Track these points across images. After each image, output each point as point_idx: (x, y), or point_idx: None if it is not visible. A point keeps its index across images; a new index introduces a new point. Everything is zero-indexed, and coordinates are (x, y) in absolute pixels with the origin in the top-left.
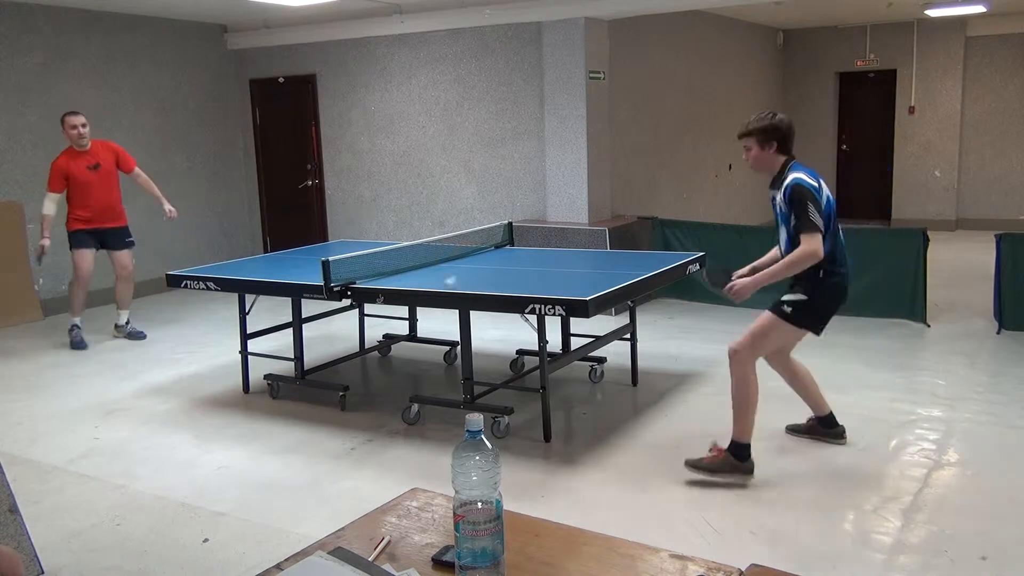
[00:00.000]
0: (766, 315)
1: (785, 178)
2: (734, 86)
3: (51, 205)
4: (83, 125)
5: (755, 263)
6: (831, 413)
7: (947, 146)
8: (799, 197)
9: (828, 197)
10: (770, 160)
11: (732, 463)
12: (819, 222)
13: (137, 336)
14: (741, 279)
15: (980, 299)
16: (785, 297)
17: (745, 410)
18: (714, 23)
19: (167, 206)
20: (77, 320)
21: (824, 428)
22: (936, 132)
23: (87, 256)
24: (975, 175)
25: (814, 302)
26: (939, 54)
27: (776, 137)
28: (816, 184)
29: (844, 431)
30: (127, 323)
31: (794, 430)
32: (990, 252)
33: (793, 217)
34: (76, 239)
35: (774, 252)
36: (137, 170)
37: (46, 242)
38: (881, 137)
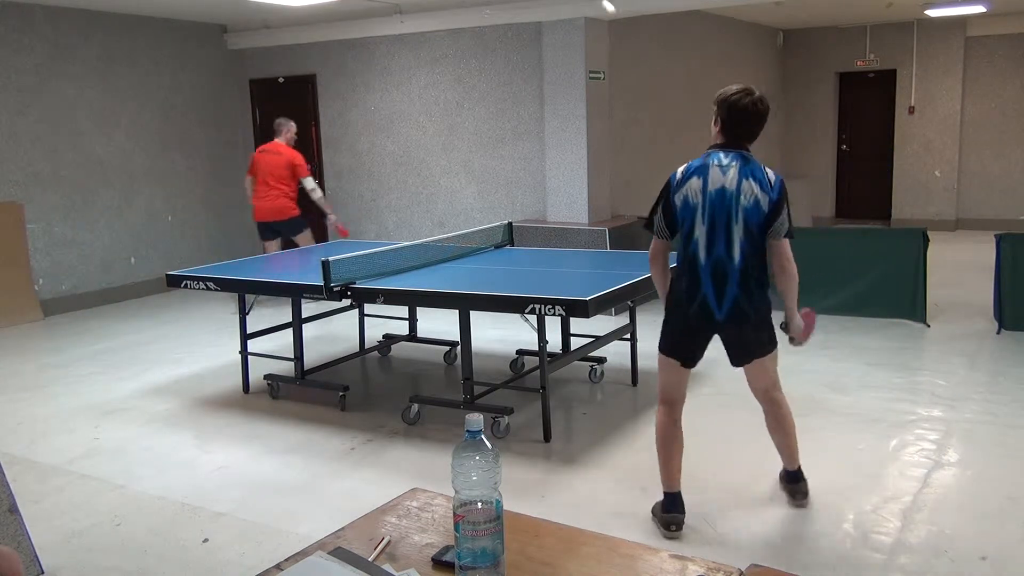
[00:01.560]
0: None
1: None
2: None
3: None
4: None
5: None
6: (799, 468)
7: (947, 146)
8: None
9: (688, 197)
10: (713, 139)
11: (657, 509)
12: (654, 222)
13: None
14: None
15: (980, 299)
16: None
17: (661, 456)
18: (714, 23)
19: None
20: None
21: (786, 482)
22: (936, 132)
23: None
24: (975, 175)
25: (665, 322)
26: (939, 54)
27: (721, 114)
28: (678, 177)
29: (806, 490)
30: None
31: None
32: (990, 252)
33: None
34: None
35: None
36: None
37: (333, 217)
38: (881, 137)
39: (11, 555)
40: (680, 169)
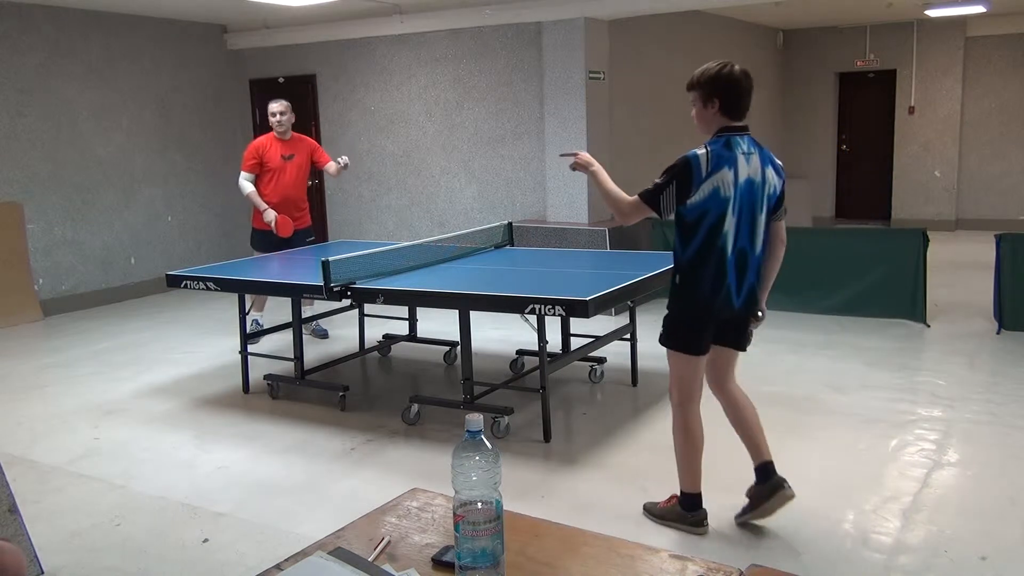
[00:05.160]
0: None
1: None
2: None
3: (247, 184)
4: (281, 113)
5: None
6: (770, 462)
7: (947, 146)
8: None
9: (719, 189)
10: (714, 123)
11: (679, 512)
12: (661, 200)
13: (320, 334)
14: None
15: (980, 299)
16: None
17: (687, 457)
18: (714, 23)
19: (341, 161)
20: (258, 316)
21: (760, 485)
22: (936, 132)
23: None
24: (975, 175)
25: (680, 319)
26: (939, 54)
27: (717, 93)
28: (705, 166)
29: (784, 488)
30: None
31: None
32: (990, 252)
33: None
34: (257, 241)
35: None
36: (330, 165)
37: (270, 212)
38: (881, 137)
39: (14, 551)
40: (701, 154)
